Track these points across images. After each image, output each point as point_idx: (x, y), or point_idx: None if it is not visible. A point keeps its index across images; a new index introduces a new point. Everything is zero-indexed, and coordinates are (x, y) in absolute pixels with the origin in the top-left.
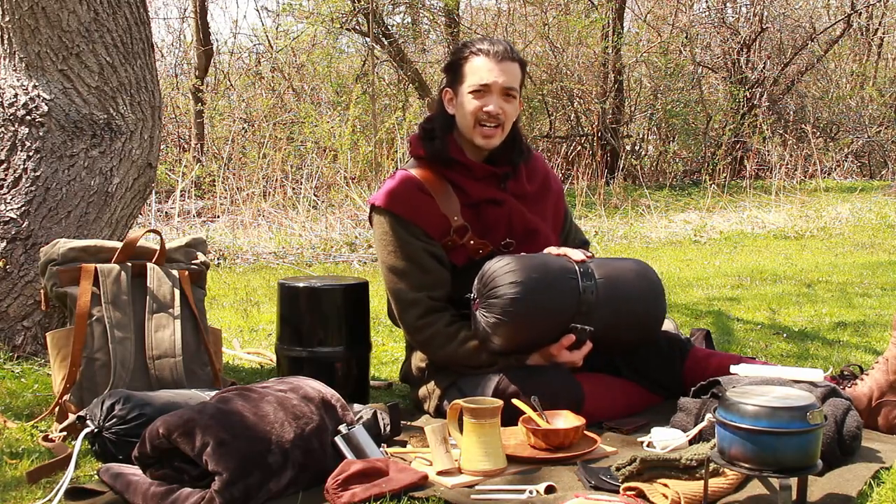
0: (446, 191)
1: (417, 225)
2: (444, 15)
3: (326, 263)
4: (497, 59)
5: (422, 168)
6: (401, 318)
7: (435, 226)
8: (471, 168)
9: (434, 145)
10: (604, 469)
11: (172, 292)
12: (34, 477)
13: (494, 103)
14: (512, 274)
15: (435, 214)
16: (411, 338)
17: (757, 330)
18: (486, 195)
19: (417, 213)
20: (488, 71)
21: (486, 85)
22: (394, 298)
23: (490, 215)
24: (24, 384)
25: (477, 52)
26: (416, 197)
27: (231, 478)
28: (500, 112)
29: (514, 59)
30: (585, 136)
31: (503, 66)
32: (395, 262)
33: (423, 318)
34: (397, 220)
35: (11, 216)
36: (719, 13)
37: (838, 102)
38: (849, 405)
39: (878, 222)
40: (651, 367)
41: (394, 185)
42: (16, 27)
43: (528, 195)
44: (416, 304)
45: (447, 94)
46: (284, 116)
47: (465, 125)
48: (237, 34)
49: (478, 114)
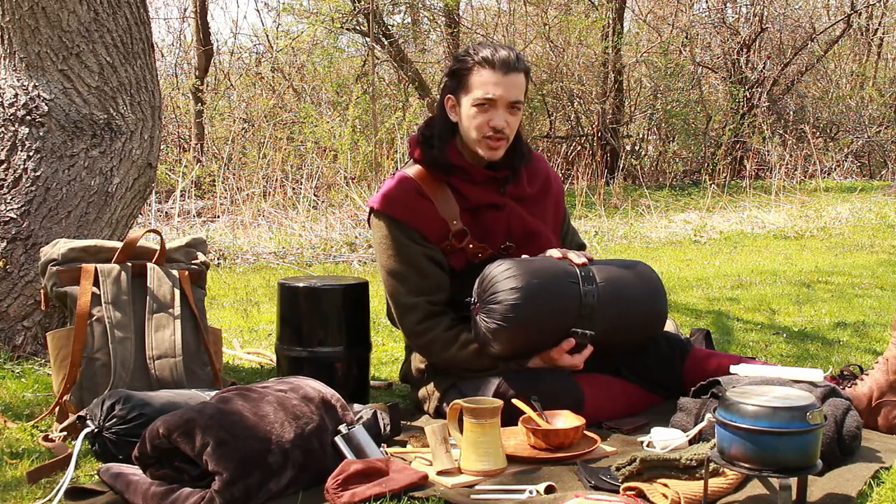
0: (445, 195)
1: (416, 229)
2: (444, 15)
3: (326, 263)
4: (503, 71)
5: (421, 171)
6: (400, 322)
7: (434, 230)
8: (470, 172)
9: (432, 153)
10: (604, 469)
11: (172, 292)
12: (34, 477)
13: (500, 118)
14: (512, 279)
15: (434, 218)
16: (411, 342)
17: (757, 330)
18: (485, 199)
19: (416, 216)
20: (494, 85)
21: (491, 100)
22: (393, 302)
23: (489, 219)
24: (24, 384)
25: (482, 62)
26: (415, 200)
27: (231, 478)
28: (506, 126)
29: (520, 69)
30: (585, 136)
31: (509, 79)
32: (394, 265)
33: (421, 322)
34: (396, 223)
35: (11, 216)
36: (719, 13)
37: (838, 102)
38: (849, 405)
39: (878, 222)
40: (651, 367)
41: (392, 188)
42: (16, 27)
43: (528, 197)
44: (415, 308)
45: (450, 100)
46: (284, 116)
47: (470, 137)
48: (237, 34)
49: (483, 129)
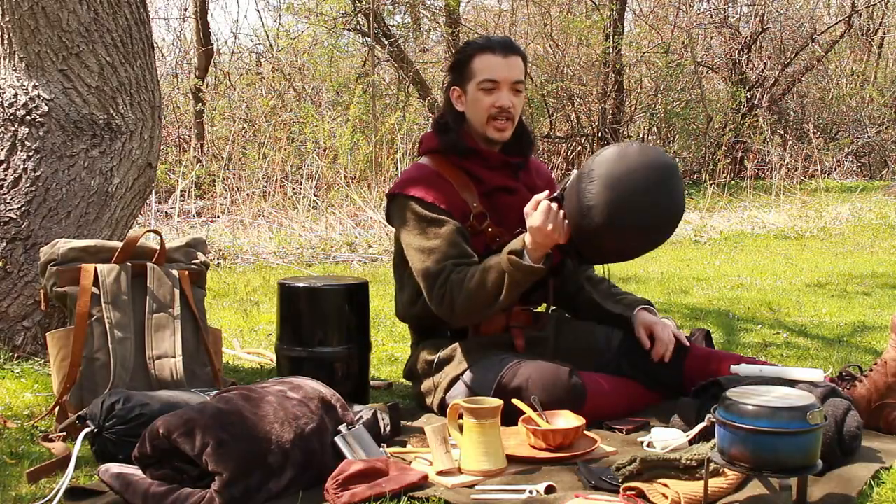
0: (463, 179)
1: (440, 205)
2: (444, 15)
3: (326, 263)
4: (503, 53)
5: (436, 158)
6: (428, 297)
7: (456, 208)
8: (486, 157)
9: (450, 137)
10: (604, 469)
11: (172, 292)
12: (34, 477)
13: (505, 97)
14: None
15: (455, 198)
16: (439, 311)
17: (757, 330)
18: (500, 182)
19: (439, 195)
20: (497, 66)
21: (495, 80)
22: (422, 279)
23: (503, 203)
24: (24, 384)
25: (482, 48)
26: (436, 181)
27: (231, 478)
28: (511, 106)
29: (518, 52)
30: (586, 136)
31: (509, 60)
32: (423, 242)
33: (442, 286)
34: (420, 202)
35: (11, 216)
36: (720, 13)
37: (839, 103)
38: (849, 405)
39: (878, 222)
40: (652, 364)
41: (412, 174)
42: (16, 27)
43: (538, 189)
44: (440, 273)
45: (455, 92)
46: (284, 116)
47: (478, 121)
48: (237, 34)
49: (490, 109)
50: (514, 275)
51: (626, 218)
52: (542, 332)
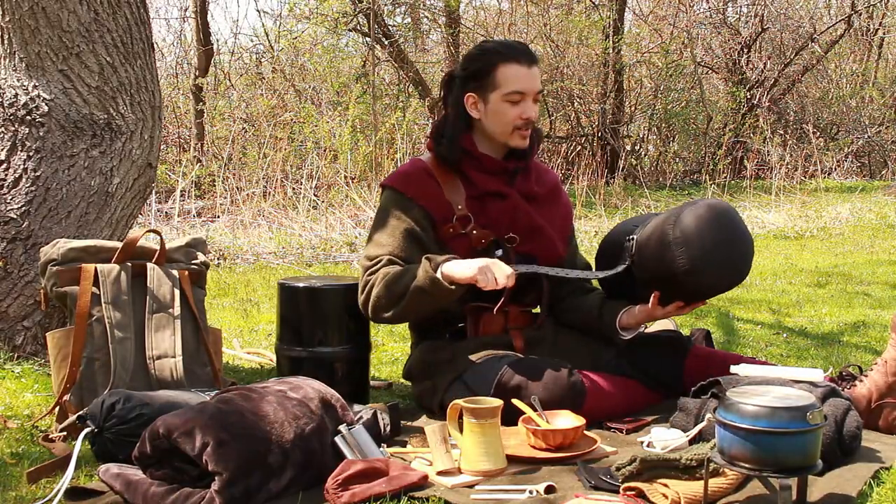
0: (454, 183)
1: (420, 205)
2: (444, 15)
3: (326, 263)
4: (528, 64)
5: (434, 158)
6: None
7: (438, 208)
8: (482, 161)
9: (442, 147)
10: (604, 469)
11: (172, 292)
12: (34, 477)
13: (531, 108)
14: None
15: (440, 199)
16: (360, 301)
17: (757, 330)
18: (492, 187)
19: (422, 193)
20: (523, 78)
21: (522, 93)
22: (361, 266)
23: (494, 208)
24: (24, 384)
25: (506, 58)
26: (424, 179)
27: (231, 478)
28: (534, 115)
29: (537, 60)
30: (585, 136)
31: (533, 70)
32: (379, 231)
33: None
34: (400, 197)
35: (11, 216)
36: (720, 13)
37: (838, 103)
38: (849, 405)
39: (878, 222)
40: (652, 363)
41: (405, 168)
42: (16, 27)
43: (535, 196)
44: (375, 263)
45: (471, 98)
46: (285, 116)
47: (501, 131)
48: (237, 34)
49: (516, 121)
50: (423, 281)
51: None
52: (542, 333)
